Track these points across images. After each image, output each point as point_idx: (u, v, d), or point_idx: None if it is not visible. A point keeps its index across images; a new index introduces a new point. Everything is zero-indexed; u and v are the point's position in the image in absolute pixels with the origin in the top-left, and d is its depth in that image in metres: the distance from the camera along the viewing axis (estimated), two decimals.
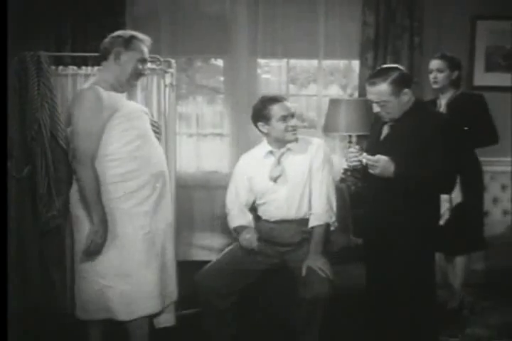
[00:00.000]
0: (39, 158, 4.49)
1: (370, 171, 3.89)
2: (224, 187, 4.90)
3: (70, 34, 5.60)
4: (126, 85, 4.11)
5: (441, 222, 5.00)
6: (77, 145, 3.88)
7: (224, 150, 6.22)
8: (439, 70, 5.14)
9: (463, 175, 4.94)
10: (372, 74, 4.10)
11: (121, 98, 4.05)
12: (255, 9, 5.98)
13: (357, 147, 4.12)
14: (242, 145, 5.89)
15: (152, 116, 4.27)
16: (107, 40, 4.08)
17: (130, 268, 3.99)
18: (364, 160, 3.89)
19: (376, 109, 3.95)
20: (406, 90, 3.90)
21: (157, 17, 5.90)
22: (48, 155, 4.51)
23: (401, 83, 3.89)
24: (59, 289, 4.66)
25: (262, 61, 6.36)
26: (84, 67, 4.87)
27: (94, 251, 3.91)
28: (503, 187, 6.22)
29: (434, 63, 5.17)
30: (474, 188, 5.13)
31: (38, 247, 4.57)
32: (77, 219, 4.04)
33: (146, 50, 4.10)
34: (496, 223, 5.90)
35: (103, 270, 3.99)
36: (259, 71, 6.29)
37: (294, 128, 4.43)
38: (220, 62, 6.37)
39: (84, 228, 3.97)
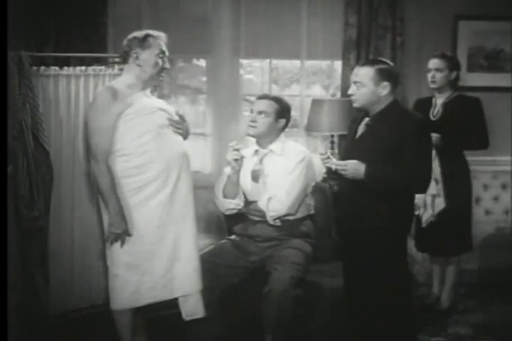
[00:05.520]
0: (21, 158, 4.47)
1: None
2: (206, 188, 4.91)
3: (52, 34, 5.53)
4: (151, 82, 4.23)
5: (424, 224, 5.05)
6: (92, 143, 4.05)
7: (206, 150, 6.19)
8: (438, 70, 5.07)
9: (451, 177, 4.98)
10: (366, 60, 4.34)
11: (136, 95, 4.12)
12: (237, 9, 5.96)
13: (329, 152, 4.20)
14: (224, 146, 5.88)
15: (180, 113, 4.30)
16: (124, 43, 4.19)
17: (138, 260, 4.10)
18: (334, 166, 3.97)
19: (352, 90, 4.04)
20: (386, 83, 3.97)
21: (139, 17, 5.85)
22: (29, 156, 4.49)
23: (385, 75, 3.97)
24: (41, 290, 4.65)
25: (244, 61, 6.37)
26: (66, 68, 4.87)
27: (115, 240, 4.05)
28: (485, 187, 6.25)
29: (433, 62, 5.10)
30: (462, 190, 5.15)
31: (19, 248, 4.54)
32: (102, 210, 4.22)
33: (163, 44, 4.18)
34: (478, 223, 5.91)
35: (115, 259, 4.13)
36: (241, 71, 6.28)
37: (252, 124, 4.55)
38: (202, 63, 6.37)
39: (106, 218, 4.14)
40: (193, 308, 4.28)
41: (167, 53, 4.21)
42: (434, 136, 4.72)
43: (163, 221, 4.11)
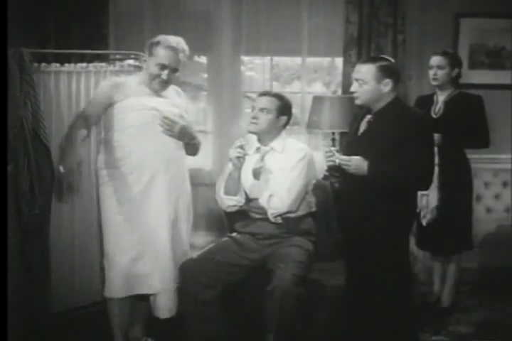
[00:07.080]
0: (21, 156, 4.46)
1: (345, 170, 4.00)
2: (207, 185, 4.90)
3: (53, 31, 5.54)
4: (150, 88, 4.25)
5: (424, 223, 5.05)
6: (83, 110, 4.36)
7: (207, 147, 6.17)
8: (440, 67, 5.05)
9: (452, 175, 4.96)
10: (367, 57, 4.43)
11: (140, 92, 4.20)
12: (239, 6, 5.96)
13: (332, 148, 4.19)
14: (225, 143, 5.88)
15: (182, 115, 4.35)
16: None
17: (107, 251, 4.25)
18: (337, 161, 3.99)
19: (354, 87, 4.05)
20: (388, 80, 3.98)
21: (140, 14, 5.87)
22: (30, 153, 4.47)
23: (387, 72, 3.98)
24: (42, 288, 4.64)
25: (245, 58, 6.38)
26: (67, 64, 4.86)
27: (68, 187, 4.45)
28: (486, 185, 6.26)
29: (435, 59, 5.08)
30: (463, 187, 5.14)
31: (20, 246, 4.53)
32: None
33: (170, 55, 4.16)
34: (479, 221, 5.90)
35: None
36: (242, 68, 6.28)
37: (253, 121, 4.53)
38: (203, 60, 6.36)
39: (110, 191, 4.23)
40: (163, 307, 4.34)
41: (169, 66, 4.17)
42: (435, 135, 4.70)
43: (131, 216, 4.19)
